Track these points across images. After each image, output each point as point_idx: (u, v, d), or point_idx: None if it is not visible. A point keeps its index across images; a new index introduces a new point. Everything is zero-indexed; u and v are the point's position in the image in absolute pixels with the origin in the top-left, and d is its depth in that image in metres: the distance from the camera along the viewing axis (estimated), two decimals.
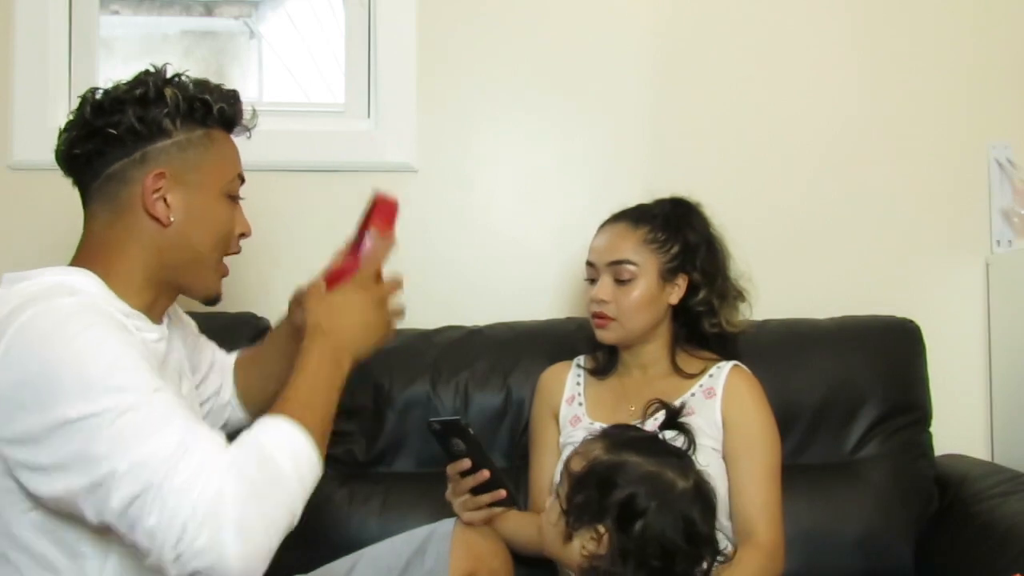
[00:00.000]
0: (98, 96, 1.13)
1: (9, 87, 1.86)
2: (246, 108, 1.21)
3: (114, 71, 2.14)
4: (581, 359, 1.60)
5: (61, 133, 1.15)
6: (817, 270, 1.98)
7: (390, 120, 1.93)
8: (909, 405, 1.74)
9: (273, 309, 1.81)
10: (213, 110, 1.15)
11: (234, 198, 1.19)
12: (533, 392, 1.62)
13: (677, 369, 1.50)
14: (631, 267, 1.47)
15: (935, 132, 2.00)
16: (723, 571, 1.31)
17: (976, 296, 1.98)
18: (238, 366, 1.45)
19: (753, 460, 1.41)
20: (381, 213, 1.25)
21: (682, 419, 1.26)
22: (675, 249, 1.49)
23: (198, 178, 1.14)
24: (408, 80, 1.93)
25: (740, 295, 1.55)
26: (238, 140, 1.22)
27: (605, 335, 1.49)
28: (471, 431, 1.29)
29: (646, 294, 1.47)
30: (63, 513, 0.97)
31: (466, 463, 1.31)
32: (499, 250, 1.96)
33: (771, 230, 1.96)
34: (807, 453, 1.69)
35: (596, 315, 1.49)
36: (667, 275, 1.48)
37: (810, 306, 1.86)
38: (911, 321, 1.79)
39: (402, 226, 1.94)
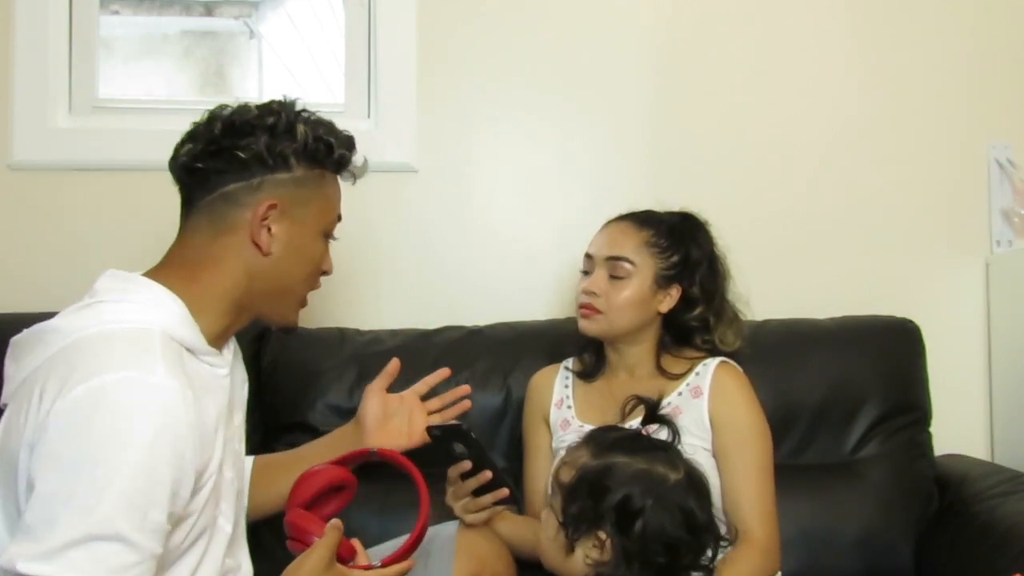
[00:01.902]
0: (230, 115, 1.13)
1: (9, 87, 1.86)
2: (358, 156, 1.23)
3: (114, 71, 2.14)
4: (569, 362, 1.60)
5: (183, 143, 1.14)
6: (817, 270, 1.98)
7: (390, 120, 1.93)
8: (909, 405, 1.74)
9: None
10: (334, 154, 1.17)
11: (329, 237, 1.21)
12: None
13: (662, 371, 1.50)
14: (628, 265, 1.47)
15: (935, 132, 2.00)
16: (719, 570, 1.31)
17: (976, 296, 1.98)
18: (258, 471, 1.38)
19: (744, 457, 1.40)
20: (414, 544, 1.16)
21: (661, 412, 1.26)
22: (675, 258, 1.49)
23: (304, 214, 1.15)
24: (408, 80, 1.93)
25: (736, 317, 1.55)
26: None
27: (588, 326, 1.49)
28: (472, 435, 1.29)
29: (637, 295, 1.47)
30: None
31: (467, 465, 1.31)
32: (499, 250, 1.96)
33: (771, 230, 1.97)
34: (807, 453, 1.69)
35: (583, 306, 1.49)
36: (661, 282, 1.48)
37: (810, 306, 1.86)
38: (911, 321, 1.79)
39: (402, 226, 1.96)
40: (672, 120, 1.98)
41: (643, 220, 1.52)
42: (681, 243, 1.50)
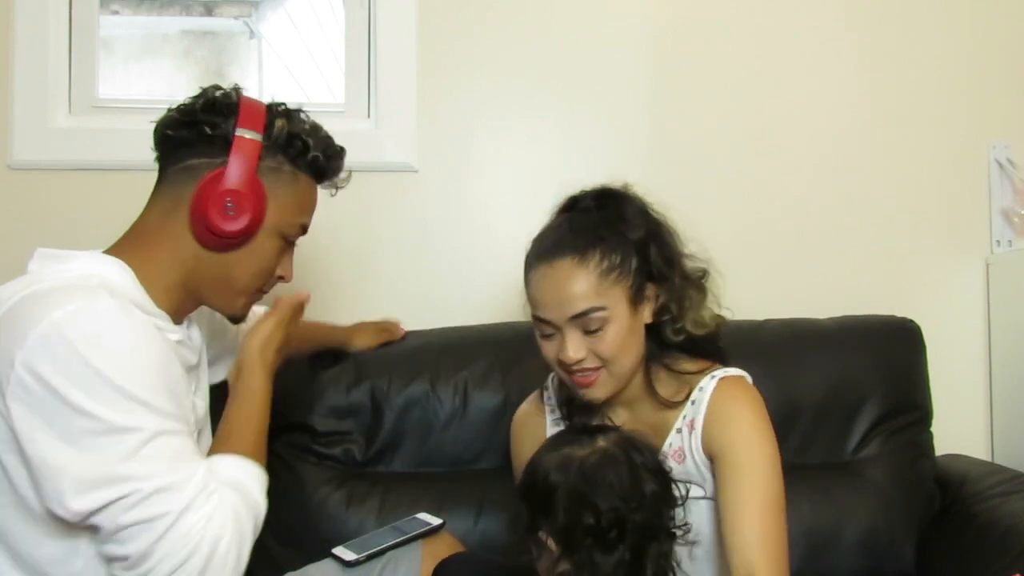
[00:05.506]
0: (216, 95, 1.13)
1: (9, 87, 1.86)
2: (339, 166, 1.22)
3: (114, 71, 2.15)
4: (550, 398, 1.38)
5: (168, 111, 1.15)
6: (817, 270, 1.98)
7: (390, 120, 1.93)
8: (909, 405, 1.73)
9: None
10: (308, 155, 1.16)
11: (288, 241, 1.18)
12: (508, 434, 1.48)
13: (659, 399, 1.25)
14: (600, 313, 1.17)
15: (935, 132, 2.01)
16: None
17: (976, 296, 1.99)
18: None
19: (741, 488, 1.15)
20: None
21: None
22: (634, 263, 1.20)
23: None
24: (408, 80, 1.93)
25: (699, 285, 1.26)
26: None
27: (595, 392, 1.21)
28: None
29: (623, 330, 1.18)
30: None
31: None
32: (499, 250, 1.96)
33: (771, 230, 1.96)
34: (807, 453, 1.69)
35: (574, 375, 1.20)
36: (636, 297, 1.20)
37: (810, 306, 1.86)
38: (911, 321, 1.79)
39: (402, 226, 1.96)
40: (672, 120, 1.98)
41: (579, 246, 1.19)
42: (625, 238, 1.22)
